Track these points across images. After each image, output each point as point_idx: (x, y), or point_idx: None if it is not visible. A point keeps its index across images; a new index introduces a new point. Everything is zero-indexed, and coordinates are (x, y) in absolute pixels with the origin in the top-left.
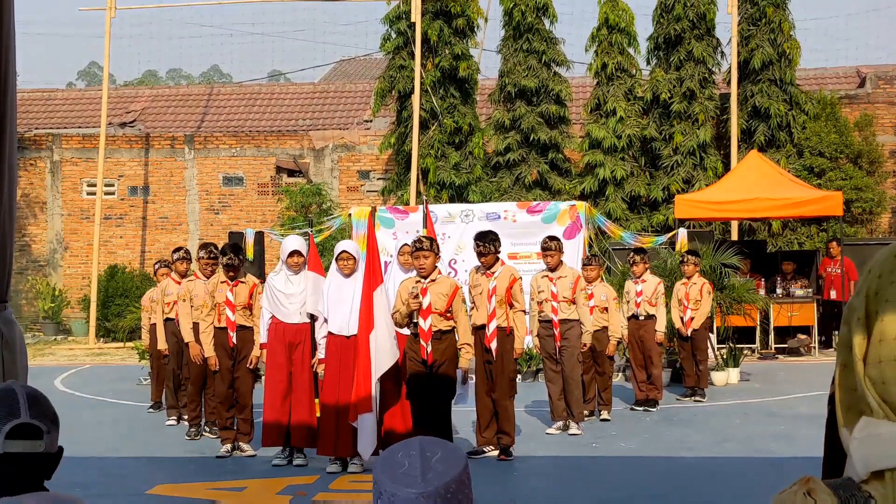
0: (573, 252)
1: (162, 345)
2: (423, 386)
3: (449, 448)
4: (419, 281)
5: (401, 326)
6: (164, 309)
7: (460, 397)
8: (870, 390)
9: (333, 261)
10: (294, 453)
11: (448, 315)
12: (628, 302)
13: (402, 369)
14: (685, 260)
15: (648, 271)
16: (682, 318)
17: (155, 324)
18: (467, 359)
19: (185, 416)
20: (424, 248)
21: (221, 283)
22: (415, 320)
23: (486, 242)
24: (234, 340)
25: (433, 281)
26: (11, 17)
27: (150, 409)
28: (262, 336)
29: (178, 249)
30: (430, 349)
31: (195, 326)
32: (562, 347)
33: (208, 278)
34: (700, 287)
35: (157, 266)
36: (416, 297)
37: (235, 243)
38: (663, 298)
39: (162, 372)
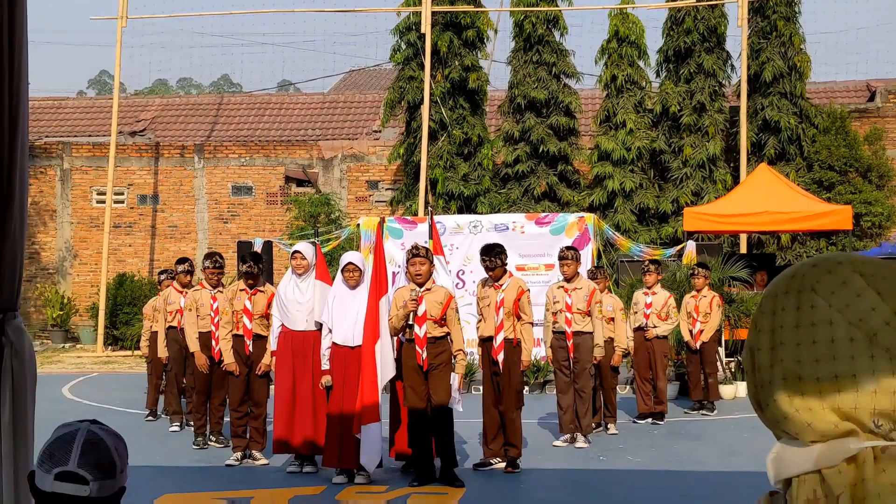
0: (581, 264)
1: (162, 353)
2: (419, 390)
3: None
4: (414, 289)
5: (395, 333)
6: (166, 317)
7: (453, 401)
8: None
9: (339, 272)
10: (305, 461)
11: (442, 322)
12: (636, 313)
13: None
14: (695, 273)
15: (660, 284)
16: (690, 331)
17: (156, 332)
18: (463, 364)
19: (191, 423)
20: (420, 255)
21: (240, 291)
22: (410, 322)
23: (493, 256)
24: (251, 349)
25: (428, 290)
26: (24, 25)
27: (149, 418)
28: (272, 344)
29: (182, 261)
30: (425, 355)
31: (201, 336)
32: (574, 360)
33: (214, 288)
34: (710, 300)
35: (162, 276)
36: (414, 300)
37: (255, 252)
38: (675, 312)
39: (159, 380)
